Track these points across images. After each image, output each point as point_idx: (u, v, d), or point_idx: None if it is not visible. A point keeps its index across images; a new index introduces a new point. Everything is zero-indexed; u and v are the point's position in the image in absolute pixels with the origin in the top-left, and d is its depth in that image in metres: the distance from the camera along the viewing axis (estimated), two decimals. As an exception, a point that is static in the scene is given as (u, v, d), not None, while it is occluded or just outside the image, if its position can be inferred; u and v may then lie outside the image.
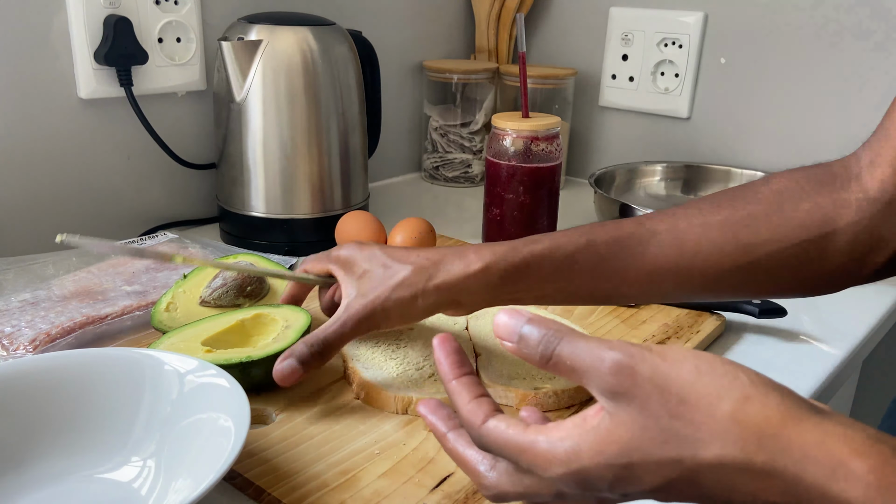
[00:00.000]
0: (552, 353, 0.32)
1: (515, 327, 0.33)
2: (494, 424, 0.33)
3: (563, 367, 0.31)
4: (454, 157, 1.18)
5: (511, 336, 0.33)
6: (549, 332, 0.32)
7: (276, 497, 0.45)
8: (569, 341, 0.31)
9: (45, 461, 0.47)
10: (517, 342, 0.33)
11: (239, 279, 0.64)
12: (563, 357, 0.31)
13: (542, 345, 0.32)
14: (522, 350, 0.33)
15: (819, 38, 0.99)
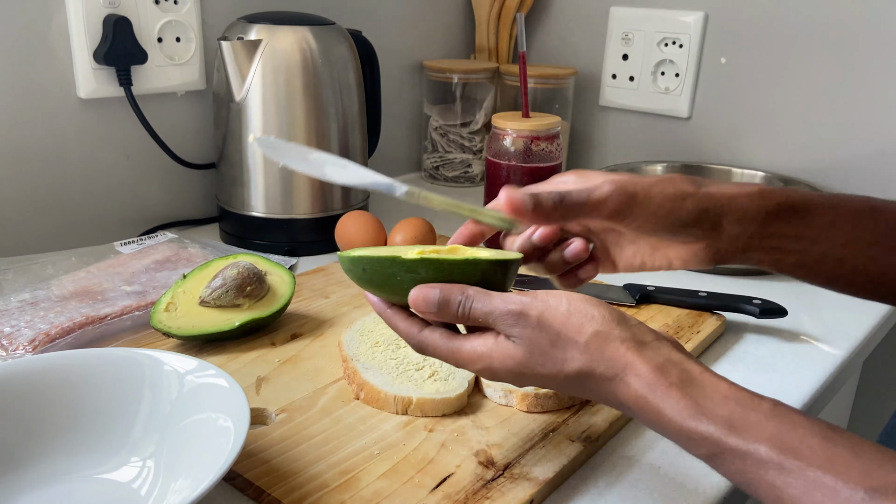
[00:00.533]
0: (469, 310, 0.42)
1: (431, 297, 0.43)
2: (428, 332, 0.44)
3: (479, 321, 0.42)
4: (454, 157, 1.18)
5: (430, 307, 0.43)
6: (462, 295, 0.42)
7: (276, 497, 0.45)
8: (479, 300, 0.42)
9: (45, 461, 0.47)
10: (437, 310, 0.42)
11: (238, 279, 0.64)
12: (477, 312, 0.42)
13: (461, 307, 0.42)
14: (445, 315, 0.43)
15: (819, 38, 0.99)
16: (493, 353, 0.42)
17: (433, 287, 0.43)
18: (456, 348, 0.43)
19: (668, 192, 0.46)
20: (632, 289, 0.73)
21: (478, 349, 0.42)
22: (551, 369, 0.41)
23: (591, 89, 1.21)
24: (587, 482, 0.50)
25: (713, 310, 0.71)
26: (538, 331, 0.41)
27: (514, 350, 0.41)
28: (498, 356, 0.42)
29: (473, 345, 0.43)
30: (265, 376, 0.58)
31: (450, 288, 0.42)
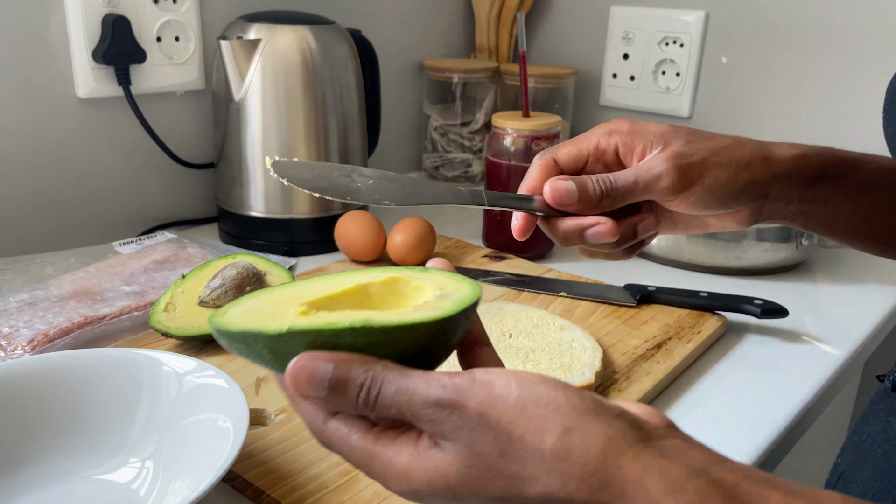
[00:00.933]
0: (376, 399, 0.29)
1: (320, 374, 0.29)
2: (335, 425, 0.31)
3: (391, 413, 0.29)
4: (454, 157, 1.17)
5: (316, 389, 0.29)
6: (366, 373, 0.29)
7: (276, 498, 0.45)
8: (391, 381, 0.29)
9: (44, 462, 0.46)
10: (327, 395, 0.29)
11: (238, 279, 0.63)
12: (388, 400, 0.29)
13: (363, 393, 0.29)
14: (340, 403, 0.29)
15: (820, 37, 0.99)
16: (415, 468, 0.29)
17: (324, 359, 0.29)
18: (367, 451, 0.30)
19: (723, 167, 0.44)
20: (632, 289, 0.73)
21: (393, 462, 0.29)
22: (503, 491, 0.28)
23: (591, 89, 1.21)
24: (588, 483, 0.49)
25: (714, 310, 0.71)
26: (479, 431, 0.28)
27: (444, 463, 0.28)
28: (422, 473, 0.29)
29: (390, 455, 0.29)
30: (264, 377, 0.58)
31: (349, 362, 0.29)
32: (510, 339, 0.61)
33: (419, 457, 0.29)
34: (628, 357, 0.62)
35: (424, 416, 0.28)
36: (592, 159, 0.47)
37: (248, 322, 0.30)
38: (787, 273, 0.86)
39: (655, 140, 0.45)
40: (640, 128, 0.46)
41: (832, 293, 0.81)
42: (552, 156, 0.47)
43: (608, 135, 0.46)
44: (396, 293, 0.35)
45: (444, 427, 0.28)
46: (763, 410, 0.58)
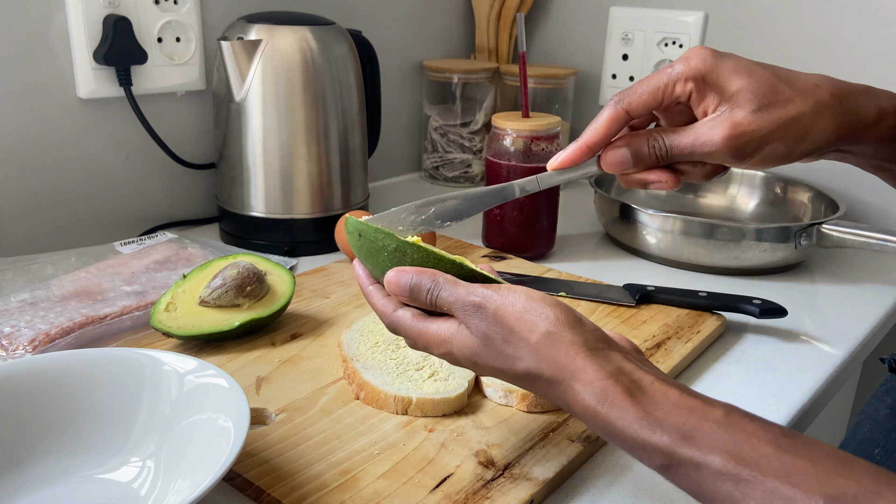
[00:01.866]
0: (436, 297, 0.43)
1: (404, 281, 0.44)
2: (401, 313, 0.46)
3: (443, 308, 0.43)
4: (454, 157, 1.18)
5: (402, 290, 0.44)
6: (431, 282, 0.44)
7: (276, 497, 0.45)
8: (446, 288, 0.43)
9: (45, 461, 0.47)
10: (408, 294, 0.44)
11: (238, 279, 0.64)
12: (442, 300, 0.43)
13: (429, 294, 0.43)
14: (415, 299, 0.44)
15: (818, 39, 0.99)
16: (454, 339, 0.43)
17: (408, 271, 0.44)
18: (423, 330, 0.44)
19: (783, 140, 0.45)
20: (632, 289, 0.73)
21: (441, 333, 0.44)
22: (503, 364, 0.42)
23: (591, 89, 1.21)
24: (587, 482, 0.50)
25: (713, 310, 0.71)
26: (493, 324, 0.41)
27: (471, 340, 0.42)
28: (457, 343, 0.43)
29: (438, 329, 0.44)
30: (265, 376, 0.58)
31: (422, 273, 0.44)
32: (510, 338, 0.62)
33: (456, 334, 0.43)
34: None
35: (461, 310, 0.42)
36: (666, 101, 0.48)
37: (382, 226, 0.47)
38: (785, 273, 0.86)
39: (725, 98, 0.45)
40: (717, 77, 0.45)
41: (831, 293, 0.82)
42: (624, 107, 0.48)
43: (685, 81, 0.46)
44: None
45: (472, 319, 0.42)
46: (762, 410, 0.58)
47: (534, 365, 0.40)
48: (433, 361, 0.58)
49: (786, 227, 0.80)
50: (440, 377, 0.56)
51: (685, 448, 0.35)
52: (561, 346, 0.40)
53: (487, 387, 0.56)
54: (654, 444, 0.36)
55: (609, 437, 0.39)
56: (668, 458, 0.36)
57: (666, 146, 0.46)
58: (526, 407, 0.54)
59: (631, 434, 0.37)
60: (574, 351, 0.40)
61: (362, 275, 0.48)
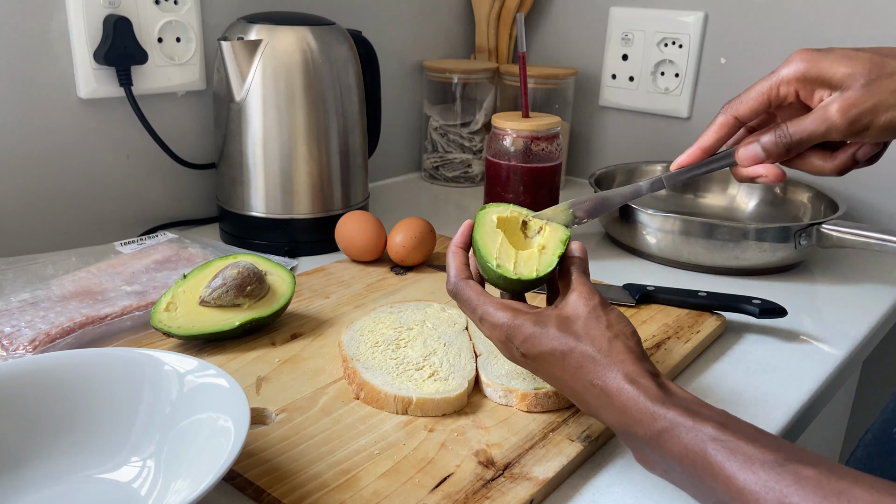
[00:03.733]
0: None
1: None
2: (469, 282, 0.52)
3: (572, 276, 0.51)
4: (454, 157, 1.18)
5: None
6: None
7: (276, 497, 0.45)
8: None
9: (45, 461, 0.47)
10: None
11: (239, 279, 0.64)
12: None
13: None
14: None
15: (819, 38, 0.99)
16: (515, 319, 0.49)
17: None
18: (480, 304, 0.50)
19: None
20: (631, 288, 0.73)
21: (498, 314, 0.49)
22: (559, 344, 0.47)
23: (590, 89, 1.21)
24: (587, 482, 0.50)
25: (713, 310, 0.71)
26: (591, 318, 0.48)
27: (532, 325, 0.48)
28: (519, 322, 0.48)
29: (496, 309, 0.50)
30: (265, 376, 0.58)
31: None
32: (510, 338, 0.62)
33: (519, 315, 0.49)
34: (627, 357, 0.62)
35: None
36: (774, 103, 0.53)
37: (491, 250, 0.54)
38: (785, 273, 0.86)
39: (833, 85, 0.49)
40: (819, 72, 0.49)
41: (831, 293, 0.82)
42: (733, 115, 0.54)
43: (788, 84, 0.51)
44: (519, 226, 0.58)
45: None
46: (762, 410, 0.58)
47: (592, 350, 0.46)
48: (433, 361, 0.58)
49: (786, 227, 0.80)
50: (440, 377, 0.56)
51: (688, 418, 0.41)
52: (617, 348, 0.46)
53: (487, 387, 0.56)
54: (663, 415, 0.42)
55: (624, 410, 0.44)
56: (670, 423, 0.41)
57: (789, 133, 0.50)
58: (526, 407, 0.54)
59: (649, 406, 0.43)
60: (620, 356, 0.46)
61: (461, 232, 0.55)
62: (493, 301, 0.50)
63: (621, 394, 0.44)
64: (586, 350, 0.46)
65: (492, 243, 0.54)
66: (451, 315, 0.66)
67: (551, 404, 0.55)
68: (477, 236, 0.54)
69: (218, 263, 0.68)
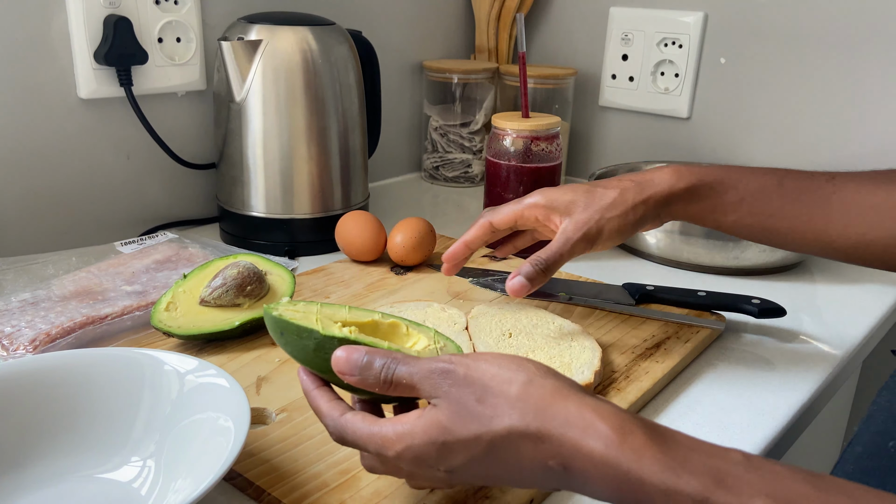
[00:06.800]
0: (392, 373, 0.39)
1: (355, 359, 0.40)
2: (350, 416, 0.40)
3: (402, 385, 0.39)
4: (454, 157, 1.18)
5: (352, 368, 0.40)
6: (387, 358, 0.39)
7: (276, 497, 0.45)
8: (404, 361, 0.39)
9: (45, 461, 0.47)
10: (359, 373, 0.39)
11: (239, 279, 0.64)
12: (401, 374, 0.39)
13: (384, 370, 0.39)
14: (367, 378, 0.39)
15: (819, 38, 0.99)
16: (416, 427, 0.38)
17: (359, 350, 0.40)
18: (377, 430, 0.39)
19: (615, 215, 0.59)
20: (631, 288, 0.73)
21: (397, 429, 0.38)
22: (479, 428, 0.36)
23: (590, 89, 1.21)
24: (586, 482, 0.50)
25: (712, 309, 0.71)
26: (464, 387, 0.37)
27: (437, 414, 0.37)
28: (421, 428, 0.37)
29: (394, 426, 0.38)
30: (265, 376, 0.58)
31: (375, 351, 0.40)
32: (510, 338, 0.62)
33: (419, 418, 0.38)
34: (627, 356, 0.62)
35: (426, 380, 0.38)
36: (520, 222, 0.63)
37: (303, 321, 0.42)
38: (785, 273, 0.86)
39: (564, 212, 0.60)
40: (553, 202, 0.61)
41: (830, 293, 0.82)
42: (490, 220, 0.64)
43: (531, 208, 0.62)
44: (396, 334, 0.48)
45: (439, 388, 0.38)
46: (761, 410, 0.59)
47: (516, 419, 0.35)
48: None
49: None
50: (440, 377, 0.56)
51: (721, 493, 0.32)
52: (545, 393, 0.36)
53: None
54: (682, 491, 0.33)
55: (624, 488, 0.34)
56: None
57: (542, 259, 0.58)
58: (525, 407, 0.54)
59: (655, 481, 0.33)
60: (562, 395, 0.36)
61: (305, 378, 0.43)
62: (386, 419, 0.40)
63: (607, 467, 0.34)
64: (504, 422, 0.36)
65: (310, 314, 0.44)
66: (451, 315, 0.66)
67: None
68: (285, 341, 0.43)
69: (218, 263, 0.68)
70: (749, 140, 1.08)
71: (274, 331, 0.43)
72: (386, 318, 0.47)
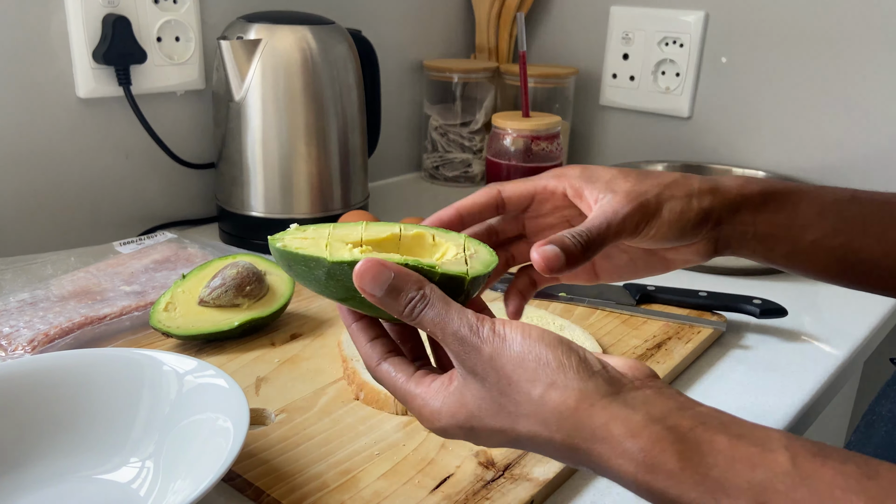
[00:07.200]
0: (420, 314, 0.36)
1: (382, 278, 0.35)
2: (386, 368, 0.38)
3: (428, 329, 0.36)
4: (454, 157, 1.17)
5: (375, 288, 0.35)
6: (417, 291, 0.36)
7: (276, 498, 0.45)
8: (435, 305, 0.35)
9: (44, 462, 0.47)
10: (383, 295, 0.35)
11: (238, 279, 0.64)
12: (427, 320, 0.35)
13: (411, 305, 0.36)
14: (389, 305, 0.36)
15: (819, 38, 0.99)
16: (444, 407, 0.36)
17: (388, 266, 0.35)
18: (409, 392, 0.37)
19: (677, 198, 0.44)
20: (631, 288, 0.73)
21: (427, 404, 0.37)
22: (503, 424, 0.35)
23: (591, 89, 1.21)
24: (587, 482, 0.50)
25: (713, 310, 0.71)
26: (489, 370, 0.35)
27: (464, 396, 0.35)
28: (448, 410, 0.36)
29: (424, 398, 0.37)
30: (265, 376, 0.58)
31: (406, 276, 0.36)
32: (510, 338, 0.61)
33: (448, 394, 0.36)
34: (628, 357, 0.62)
35: (450, 344, 0.35)
36: (538, 199, 0.47)
37: (310, 250, 0.38)
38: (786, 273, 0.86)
39: (605, 185, 0.45)
40: (591, 173, 0.46)
41: (831, 293, 0.81)
42: (498, 188, 0.47)
43: (557, 178, 0.47)
44: (421, 246, 0.42)
45: (464, 360, 0.35)
46: (763, 410, 0.58)
47: (540, 427, 0.34)
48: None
49: (786, 227, 0.80)
50: (440, 377, 0.56)
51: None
52: (569, 400, 0.33)
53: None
54: None
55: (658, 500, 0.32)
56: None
57: (586, 231, 0.42)
58: (526, 407, 0.54)
59: None
60: (588, 402, 0.33)
61: (342, 309, 0.41)
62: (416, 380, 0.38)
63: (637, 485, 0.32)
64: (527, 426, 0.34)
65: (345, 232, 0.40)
66: (451, 315, 0.66)
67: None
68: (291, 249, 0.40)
69: (217, 263, 0.68)
70: (750, 140, 1.08)
71: (282, 264, 0.40)
72: (409, 230, 0.42)
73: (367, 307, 0.38)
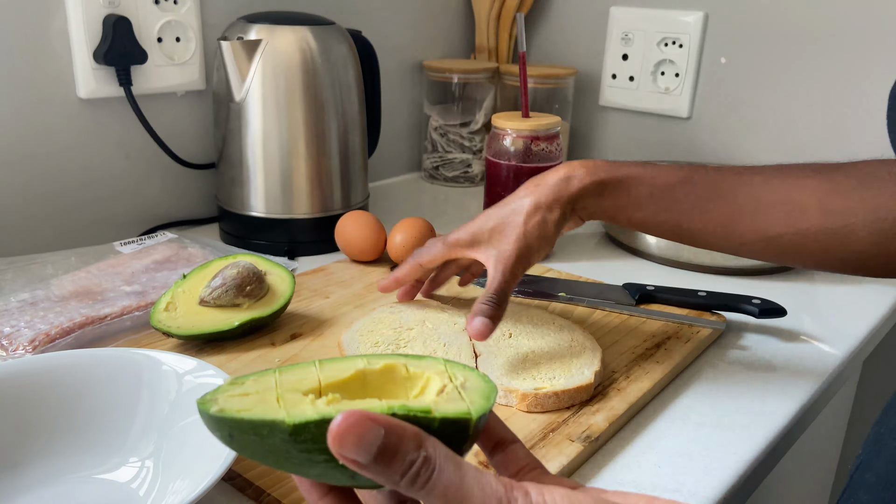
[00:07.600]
0: (426, 486, 0.26)
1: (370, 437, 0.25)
2: None
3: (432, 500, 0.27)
4: (454, 157, 1.18)
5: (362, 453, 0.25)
6: (417, 452, 0.26)
7: (276, 497, 0.45)
8: (447, 470, 0.26)
9: (43, 462, 0.47)
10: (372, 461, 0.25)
11: (238, 279, 0.64)
12: (436, 494, 0.26)
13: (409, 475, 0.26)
14: (383, 474, 0.26)
15: (819, 38, 0.99)
16: None
17: (376, 421, 0.26)
18: None
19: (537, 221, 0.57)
20: (631, 288, 0.73)
21: None
22: None
23: (591, 89, 1.21)
24: (587, 482, 0.50)
25: (713, 310, 0.71)
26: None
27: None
28: None
29: None
30: (265, 376, 0.58)
31: (401, 431, 0.26)
32: (510, 338, 0.62)
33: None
34: (627, 357, 0.62)
35: None
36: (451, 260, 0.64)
37: (257, 411, 0.28)
38: (785, 273, 0.86)
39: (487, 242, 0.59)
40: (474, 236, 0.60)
41: (830, 293, 0.81)
42: (419, 261, 0.64)
43: (455, 247, 0.62)
44: (394, 381, 0.33)
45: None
46: (762, 410, 0.58)
47: None
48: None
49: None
50: (440, 377, 0.56)
51: None
52: None
53: (487, 387, 0.56)
54: None
55: None
56: None
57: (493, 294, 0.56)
58: (526, 407, 0.54)
59: None
60: None
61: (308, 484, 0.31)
62: None
63: None
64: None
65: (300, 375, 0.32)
66: (450, 315, 0.66)
67: (551, 404, 0.54)
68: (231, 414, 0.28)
69: (218, 263, 0.68)
70: (749, 140, 1.08)
71: (221, 436, 0.29)
72: (375, 363, 0.33)
73: (344, 476, 0.28)
